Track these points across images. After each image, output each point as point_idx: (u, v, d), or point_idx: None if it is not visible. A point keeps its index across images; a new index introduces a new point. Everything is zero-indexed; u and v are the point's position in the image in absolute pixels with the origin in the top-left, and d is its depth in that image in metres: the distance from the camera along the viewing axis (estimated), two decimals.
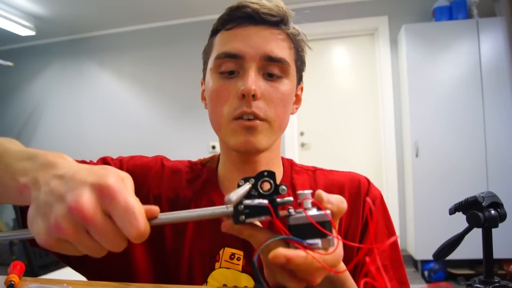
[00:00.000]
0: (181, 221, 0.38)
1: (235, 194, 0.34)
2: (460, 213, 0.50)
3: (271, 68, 0.61)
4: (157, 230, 0.62)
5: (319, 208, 0.38)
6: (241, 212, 0.36)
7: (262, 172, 0.39)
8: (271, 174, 0.39)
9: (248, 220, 0.37)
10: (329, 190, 0.65)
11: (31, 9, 3.37)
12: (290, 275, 0.38)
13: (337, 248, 0.37)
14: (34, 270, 1.93)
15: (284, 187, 0.39)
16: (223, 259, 0.61)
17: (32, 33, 3.62)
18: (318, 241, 0.36)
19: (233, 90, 0.60)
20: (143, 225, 0.33)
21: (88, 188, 0.34)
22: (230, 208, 0.37)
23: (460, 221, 0.50)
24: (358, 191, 0.67)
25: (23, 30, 3.54)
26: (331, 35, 3.53)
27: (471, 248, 1.00)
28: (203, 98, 0.71)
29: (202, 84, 0.72)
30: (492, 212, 0.47)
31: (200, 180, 0.68)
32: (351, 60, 3.58)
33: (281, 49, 0.61)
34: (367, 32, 3.48)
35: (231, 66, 0.60)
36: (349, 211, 0.65)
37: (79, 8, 3.42)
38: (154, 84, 3.88)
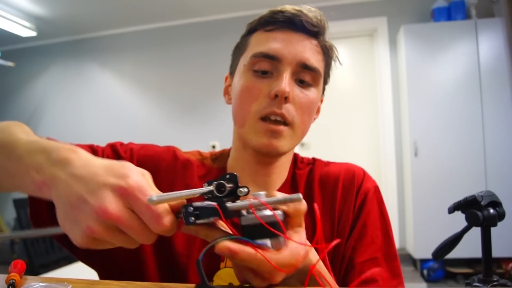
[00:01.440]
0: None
1: (159, 196, 0.34)
2: (459, 212, 0.50)
3: (304, 75, 0.62)
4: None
5: (276, 208, 0.39)
6: (191, 213, 0.37)
7: (225, 175, 0.41)
8: (233, 177, 0.40)
9: (199, 222, 0.37)
10: (323, 182, 0.69)
11: (32, 10, 3.37)
12: (253, 273, 0.40)
13: (287, 247, 0.38)
14: (35, 269, 1.93)
15: (242, 189, 0.40)
16: (228, 259, 0.61)
17: (33, 34, 3.62)
18: (267, 241, 0.38)
19: (264, 89, 0.60)
20: (168, 221, 0.35)
21: (110, 191, 0.35)
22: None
23: (459, 220, 0.50)
24: (352, 182, 0.68)
25: (24, 31, 3.53)
26: (330, 36, 3.48)
27: (470, 247, 1.01)
28: (226, 93, 0.72)
29: (226, 79, 0.73)
30: (491, 211, 0.47)
31: (210, 179, 0.68)
32: (351, 60, 3.59)
33: (316, 60, 0.63)
34: (366, 32, 3.49)
35: (265, 66, 0.61)
36: (342, 201, 0.66)
37: (80, 9, 3.42)
38: (155, 84, 3.88)
